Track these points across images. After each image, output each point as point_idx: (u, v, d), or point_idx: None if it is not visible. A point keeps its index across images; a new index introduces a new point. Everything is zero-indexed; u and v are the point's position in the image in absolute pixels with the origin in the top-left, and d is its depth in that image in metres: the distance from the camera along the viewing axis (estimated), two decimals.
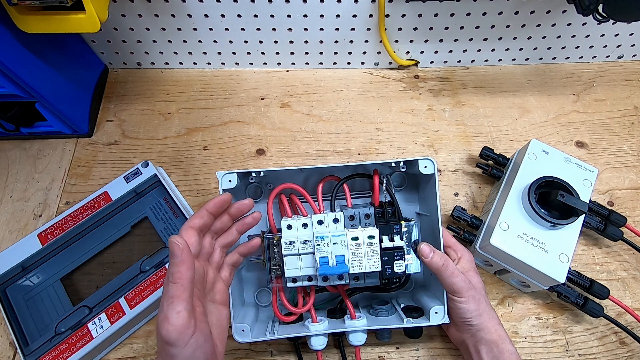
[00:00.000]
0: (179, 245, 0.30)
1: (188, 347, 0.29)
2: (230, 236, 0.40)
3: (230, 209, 0.38)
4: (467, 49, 0.65)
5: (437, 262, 0.42)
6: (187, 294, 0.30)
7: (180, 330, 0.29)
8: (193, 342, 0.29)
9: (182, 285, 0.30)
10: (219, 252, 0.39)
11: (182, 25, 0.60)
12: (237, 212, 0.39)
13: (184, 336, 0.29)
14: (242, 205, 0.39)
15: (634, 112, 0.65)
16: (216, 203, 0.36)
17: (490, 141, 0.62)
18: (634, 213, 0.57)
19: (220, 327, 0.36)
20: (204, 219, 0.35)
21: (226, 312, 0.37)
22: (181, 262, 0.30)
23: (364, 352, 0.49)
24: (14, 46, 0.47)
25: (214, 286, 0.37)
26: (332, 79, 0.68)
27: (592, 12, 0.46)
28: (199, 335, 0.30)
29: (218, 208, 0.37)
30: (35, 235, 0.51)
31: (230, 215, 0.39)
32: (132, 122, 0.63)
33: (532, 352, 0.49)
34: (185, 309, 0.29)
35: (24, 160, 0.60)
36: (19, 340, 0.47)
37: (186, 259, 0.30)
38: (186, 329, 0.29)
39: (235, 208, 0.39)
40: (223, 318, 0.36)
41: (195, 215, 0.35)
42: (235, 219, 0.39)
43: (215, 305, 0.36)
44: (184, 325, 0.29)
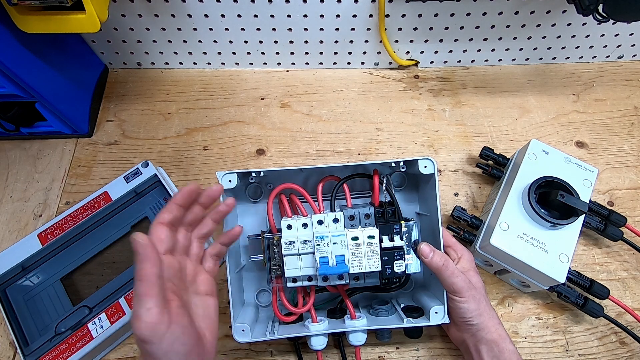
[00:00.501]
0: (141, 243, 0.30)
1: (165, 342, 0.29)
2: (206, 227, 0.39)
3: (201, 198, 0.37)
4: (467, 49, 0.65)
5: (437, 262, 0.42)
6: (155, 290, 0.29)
7: (152, 327, 0.29)
8: (169, 336, 0.29)
9: (148, 282, 0.29)
10: (197, 243, 0.38)
11: (182, 25, 0.60)
12: (208, 200, 0.38)
13: (157, 332, 0.29)
14: (211, 192, 0.37)
15: (634, 112, 0.65)
16: (183, 194, 0.35)
17: (490, 141, 0.62)
18: (634, 213, 0.57)
19: (207, 318, 0.35)
20: (173, 213, 0.35)
21: (213, 301, 0.36)
22: (145, 259, 0.30)
23: (364, 352, 0.49)
24: (14, 46, 0.47)
25: (196, 278, 0.36)
26: (332, 79, 0.68)
27: (592, 12, 0.46)
28: (175, 328, 0.30)
29: (186, 199, 0.36)
30: (35, 235, 0.51)
31: (202, 205, 0.38)
32: (132, 122, 0.63)
33: (532, 352, 0.49)
34: (155, 305, 0.29)
35: (24, 160, 0.60)
36: (19, 340, 0.47)
37: (149, 255, 0.30)
38: (159, 325, 0.29)
39: (205, 196, 0.37)
40: (210, 308, 0.36)
41: (164, 210, 0.35)
42: (207, 207, 0.38)
43: (200, 296, 0.36)
44: (155, 321, 0.29)
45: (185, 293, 0.35)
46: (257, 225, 0.51)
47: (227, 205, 0.39)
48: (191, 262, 0.37)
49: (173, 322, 0.30)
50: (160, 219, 0.34)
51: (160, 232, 0.34)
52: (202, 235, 0.38)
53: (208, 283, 0.37)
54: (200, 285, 0.36)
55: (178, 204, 0.35)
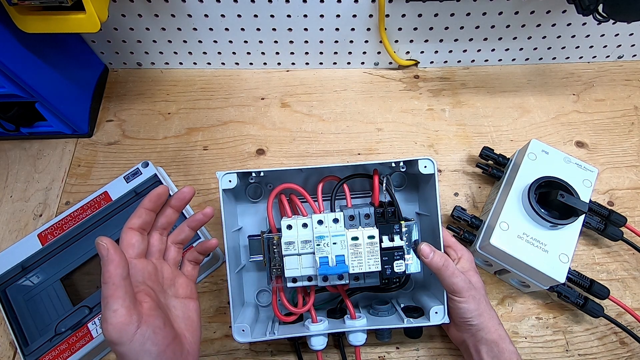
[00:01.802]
0: (104, 245, 0.30)
1: (135, 342, 0.29)
2: (182, 233, 0.39)
3: (172, 201, 0.37)
4: (467, 49, 0.65)
5: (437, 262, 0.42)
6: (121, 291, 0.30)
7: (120, 328, 0.29)
8: (139, 336, 0.29)
9: (113, 284, 0.30)
10: (174, 248, 0.38)
11: (182, 25, 0.60)
12: (179, 202, 0.38)
13: (126, 333, 0.29)
14: (181, 194, 0.37)
15: (634, 112, 0.65)
16: (151, 199, 0.36)
17: (490, 141, 0.62)
18: (634, 213, 0.57)
19: (187, 320, 0.36)
20: (142, 218, 0.35)
21: (193, 304, 0.37)
22: (108, 261, 0.30)
23: (364, 352, 0.49)
24: (14, 46, 0.47)
25: (174, 282, 0.37)
26: (332, 79, 0.68)
27: (592, 12, 0.46)
28: (145, 328, 0.30)
29: (154, 203, 0.36)
30: (35, 235, 0.51)
31: (173, 207, 0.38)
32: (132, 122, 0.63)
33: (532, 352, 0.49)
34: (122, 306, 0.30)
35: (24, 160, 0.60)
36: (19, 340, 0.47)
37: (112, 257, 0.30)
38: (127, 326, 0.29)
39: (175, 199, 0.37)
40: (190, 311, 0.36)
41: (133, 215, 0.35)
42: (178, 209, 0.38)
43: (179, 299, 0.37)
44: (123, 322, 0.29)
45: (163, 295, 0.36)
46: (257, 225, 0.51)
47: (204, 215, 0.39)
48: (169, 266, 0.37)
49: (143, 323, 0.30)
50: (130, 224, 0.35)
51: (130, 236, 0.35)
52: (179, 241, 0.39)
53: (187, 286, 0.38)
54: (179, 289, 0.37)
55: (147, 209, 0.36)
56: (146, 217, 0.35)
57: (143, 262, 0.35)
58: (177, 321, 0.35)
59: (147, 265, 0.35)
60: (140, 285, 0.34)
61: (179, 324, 0.35)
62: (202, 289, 0.52)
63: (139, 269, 0.34)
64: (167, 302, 0.36)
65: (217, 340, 0.50)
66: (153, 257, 0.37)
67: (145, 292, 0.33)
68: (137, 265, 0.34)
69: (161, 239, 0.38)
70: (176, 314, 0.36)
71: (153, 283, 0.35)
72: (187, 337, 0.35)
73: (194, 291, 0.38)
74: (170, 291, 0.36)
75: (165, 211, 0.37)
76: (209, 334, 0.50)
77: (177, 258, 0.38)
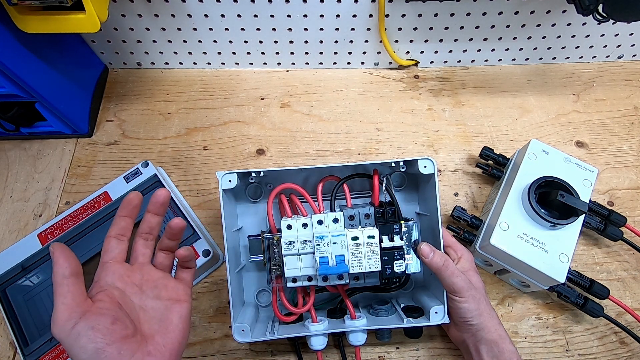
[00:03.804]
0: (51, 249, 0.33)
1: (70, 338, 0.31)
2: (166, 242, 0.39)
3: (148, 206, 0.39)
4: (467, 49, 0.65)
5: (437, 262, 0.42)
6: (63, 289, 0.32)
7: (58, 324, 0.31)
8: (74, 332, 0.31)
9: (56, 282, 0.32)
10: (161, 254, 0.39)
11: (182, 25, 0.60)
12: (154, 206, 0.38)
13: (63, 329, 0.31)
14: (154, 197, 0.38)
15: (634, 112, 0.65)
16: (123, 206, 0.37)
17: (490, 141, 0.62)
18: (634, 213, 0.57)
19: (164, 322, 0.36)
20: (118, 225, 0.37)
21: (178, 307, 0.38)
22: (53, 262, 0.33)
23: (364, 352, 0.49)
24: (14, 46, 0.47)
25: (160, 284, 0.38)
26: (332, 79, 0.68)
27: (592, 12, 0.46)
28: (82, 324, 0.31)
29: (127, 210, 0.37)
30: (35, 235, 0.51)
31: (151, 212, 0.38)
32: (132, 122, 0.63)
33: (532, 352, 0.49)
34: (62, 303, 0.32)
35: (24, 160, 0.60)
36: (19, 340, 0.47)
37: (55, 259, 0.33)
38: (64, 322, 0.31)
39: (150, 203, 0.39)
40: (171, 313, 0.37)
41: (112, 225, 0.37)
42: (157, 212, 0.39)
43: (161, 300, 0.37)
44: (60, 318, 0.31)
45: (138, 296, 0.37)
46: (257, 225, 0.51)
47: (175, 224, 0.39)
48: (156, 269, 0.39)
49: (82, 320, 0.31)
50: (108, 232, 0.37)
51: (106, 243, 0.37)
52: (165, 248, 0.39)
53: (173, 290, 0.38)
54: (162, 292, 0.38)
55: (122, 216, 0.37)
56: (122, 224, 0.37)
57: (118, 264, 0.36)
58: (149, 322, 0.36)
59: (122, 268, 0.36)
60: (107, 286, 0.35)
61: (150, 325, 0.36)
62: (202, 289, 0.52)
63: (110, 271, 0.36)
64: (144, 303, 0.37)
65: (217, 340, 0.50)
66: (136, 261, 0.38)
67: (107, 293, 0.34)
68: (110, 268, 0.36)
69: (146, 243, 0.39)
70: (151, 315, 0.36)
71: (125, 284, 0.36)
72: (156, 339, 0.35)
73: (184, 294, 0.39)
74: (151, 293, 0.37)
75: (145, 217, 0.38)
76: (209, 334, 0.50)
77: (164, 263, 0.39)
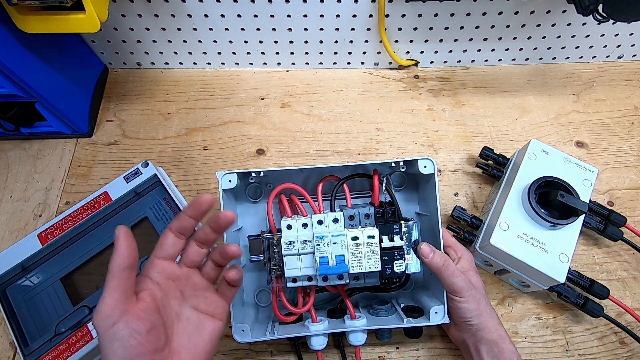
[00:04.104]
0: (116, 234, 0.31)
1: (107, 336, 0.29)
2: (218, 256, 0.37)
3: (211, 221, 0.36)
4: (467, 49, 0.65)
5: (437, 262, 0.42)
6: (115, 282, 0.30)
7: (101, 317, 0.29)
8: (111, 333, 0.29)
9: (110, 272, 0.30)
10: (211, 265, 0.37)
11: (182, 25, 0.60)
12: (216, 224, 0.36)
13: (104, 323, 0.29)
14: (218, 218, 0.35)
15: (634, 112, 0.65)
16: (193, 205, 0.35)
17: (490, 141, 0.62)
18: (634, 213, 0.57)
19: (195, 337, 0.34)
20: (180, 221, 0.35)
21: (211, 324, 0.35)
22: (114, 250, 0.31)
23: (364, 352, 0.49)
24: (14, 46, 0.47)
25: (201, 294, 0.36)
26: (332, 79, 0.68)
27: (592, 12, 0.46)
28: (122, 326, 0.29)
29: (195, 210, 0.35)
30: (35, 235, 0.51)
31: (211, 227, 0.36)
32: (132, 122, 0.63)
33: (532, 352, 0.49)
34: (110, 296, 0.29)
35: (24, 160, 0.60)
36: (19, 340, 0.47)
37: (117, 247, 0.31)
38: (107, 317, 0.29)
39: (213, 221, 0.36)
40: (204, 329, 0.34)
41: (175, 219, 0.35)
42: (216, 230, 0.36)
43: (197, 312, 0.35)
44: (104, 311, 0.29)
45: (179, 302, 0.34)
46: (257, 225, 0.51)
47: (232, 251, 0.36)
48: (201, 278, 0.37)
49: (122, 321, 0.29)
50: (169, 225, 0.35)
51: (164, 236, 0.35)
52: (217, 263, 0.37)
53: (212, 304, 0.36)
54: (201, 303, 0.35)
55: (187, 215, 0.35)
56: (185, 223, 0.35)
57: (168, 263, 0.34)
58: (180, 335, 0.33)
59: (171, 268, 0.34)
60: (152, 284, 0.33)
61: (180, 339, 0.33)
62: None
63: (160, 268, 0.34)
64: (181, 310, 0.34)
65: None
66: (185, 264, 0.36)
67: (150, 293, 0.32)
68: (159, 265, 0.34)
69: (199, 251, 0.36)
70: (184, 326, 0.34)
71: (170, 287, 0.34)
72: (182, 355, 0.32)
73: (221, 311, 0.36)
74: (191, 301, 0.35)
75: (204, 227, 0.36)
76: None
77: (210, 274, 0.37)
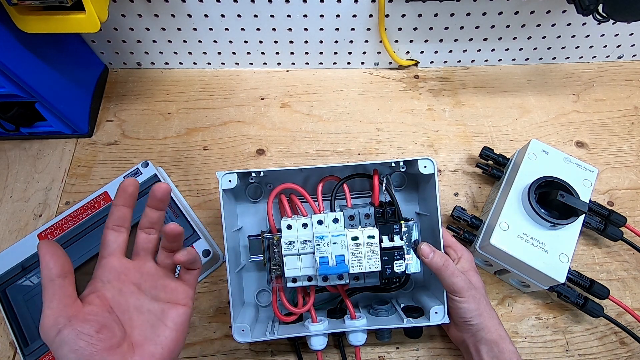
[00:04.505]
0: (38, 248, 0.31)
1: (54, 344, 0.29)
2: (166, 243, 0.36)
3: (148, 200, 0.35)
4: (467, 49, 0.65)
5: (437, 262, 0.42)
6: (49, 293, 0.30)
7: (44, 329, 0.29)
8: (58, 339, 0.29)
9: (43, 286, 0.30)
10: (164, 253, 0.36)
11: (182, 25, 0.60)
12: (154, 201, 0.34)
13: (48, 334, 0.29)
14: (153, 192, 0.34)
15: (634, 112, 0.65)
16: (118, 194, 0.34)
17: (490, 141, 0.62)
18: (634, 213, 0.57)
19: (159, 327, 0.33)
20: (114, 214, 0.34)
21: (176, 311, 0.34)
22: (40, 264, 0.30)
23: (364, 352, 0.49)
24: (14, 46, 0.47)
25: (160, 284, 0.35)
26: (332, 79, 0.68)
27: (592, 12, 0.46)
28: (67, 332, 0.29)
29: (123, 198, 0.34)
30: (35, 235, 0.51)
31: (150, 206, 0.35)
32: (132, 122, 0.63)
33: (532, 352, 0.49)
34: (49, 307, 0.29)
35: (24, 160, 0.60)
36: (19, 340, 0.47)
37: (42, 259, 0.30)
38: (50, 327, 0.29)
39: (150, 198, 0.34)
40: (168, 318, 0.34)
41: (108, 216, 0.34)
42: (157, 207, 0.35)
43: (159, 302, 0.34)
44: (46, 323, 0.29)
45: (135, 296, 0.33)
46: (257, 225, 0.51)
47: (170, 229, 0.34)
48: (157, 268, 0.35)
49: (67, 327, 0.29)
50: (106, 224, 0.34)
51: (105, 235, 0.34)
52: (165, 247, 0.36)
53: (173, 292, 0.35)
54: (160, 292, 0.34)
55: (118, 205, 0.34)
56: (119, 213, 0.34)
57: (116, 259, 0.33)
58: (142, 327, 0.33)
59: (120, 263, 0.33)
60: (102, 284, 0.32)
61: (142, 331, 0.32)
62: (202, 289, 0.52)
63: (108, 267, 0.33)
64: (139, 303, 0.33)
65: (217, 340, 0.50)
66: (138, 255, 0.35)
67: (99, 294, 0.32)
68: (107, 264, 0.33)
69: (148, 238, 0.35)
70: (146, 318, 0.33)
71: (123, 282, 0.33)
72: (145, 347, 0.32)
73: (184, 297, 0.35)
74: (150, 293, 0.34)
75: (145, 211, 0.35)
76: (209, 334, 0.50)
77: (166, 261, 0.36)
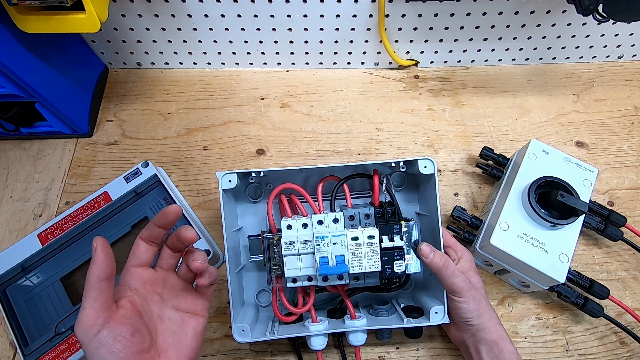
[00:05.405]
0: (94, 245, 0.32)
1: (92, 345, 0.30)
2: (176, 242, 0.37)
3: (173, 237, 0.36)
4: (467, 49, 0.65)
5: (437, 262, 0.42)
6: (94, 292, 0.31)
7: (83, 328, 0.30)
8: (96, 340, 0.30)
9: (88, 284, 0.31)
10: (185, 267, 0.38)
11: (182, 25, 0.60)
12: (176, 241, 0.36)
13: (87, 333, 0.30)
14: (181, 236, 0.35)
15: (634, 112, 0.65)
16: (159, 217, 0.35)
17: (490, 141, 0.62)
18: (634, 213, 0.57)
19: (179, 335, 0.35)
20: (150, 231, 0.36)
21: (194, 321, 0.37)
22: (91, 261, 0.31)
23: (364, 352, 0.49)
24: (14, 46, 0.47)
25: (180, 294, 0.37)
26: (332, 79, 0.68)
27: (592, 12, 0.46)
28: (105, 333, 0.30)
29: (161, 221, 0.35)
30: (35, 235, 0.51)
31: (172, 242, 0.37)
32: (132, 122, 0.63)
33: (532, 352, 0.49)
34: (91, 307, 0.30)
35: (24, 160, 0.60)
36: (19, 340, 0.47)
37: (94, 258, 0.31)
38: (90, 327, 0.30)
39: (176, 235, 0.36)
40: (187, 327, 0.36)
41: (144, 229, 0.36)
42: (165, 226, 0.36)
43: (179, 312, 0.36)
44: (86, 322, 0.30)
45: (159, 305, 0.36)
46: (257, 225, 0.51)
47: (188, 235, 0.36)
48: (179, 279, 0.38)
49: (106, 328, 0.30)
50: (140, 234, 0.36)
51: (136, 245, 0.36)
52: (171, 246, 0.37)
53: (191, 302, 0.38)
54: (181, 303, 0.37)
55: (155, 225, 0.36)
56: (154, 232, 0.36)
57: (144, 270, 0.36)
58: (165, 334, 0.35)
59: (147, 274, 0.36)
60: (130, 291, 0.34)
61: (165, 338, 0.35)
62: None
63: (136, 276, 0.35)
64: (163, 312, 0.36)
65: (217, 340, 0.50)
66: (162, 267, 0.37)
67: (130, 299, 0.34)
68: (135, 273, 0.35)
69: (171, 254, 0.38)
70: (168, 326, 0.36)
71: (149, 292, 0.35)
72: (169, 353, 0.34)
73: (202, 308, 0.38)
74: (171, 302, 0.36)
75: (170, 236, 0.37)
76: (209, 334, 0.50)
77: (187, 275, 0.38)
